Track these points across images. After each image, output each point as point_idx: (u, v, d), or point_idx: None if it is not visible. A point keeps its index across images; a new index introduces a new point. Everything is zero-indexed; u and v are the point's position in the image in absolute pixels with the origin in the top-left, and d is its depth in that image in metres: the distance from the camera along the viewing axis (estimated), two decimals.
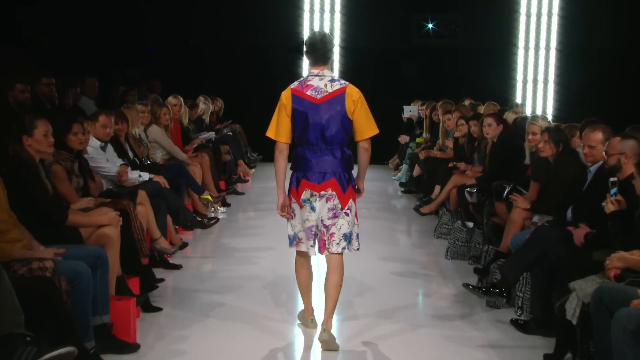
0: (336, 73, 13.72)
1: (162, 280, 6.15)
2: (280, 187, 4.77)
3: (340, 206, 4.73)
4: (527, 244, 5.22)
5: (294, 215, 4.82)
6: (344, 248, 4.77)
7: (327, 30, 13.58)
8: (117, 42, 13.09)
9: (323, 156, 4.70)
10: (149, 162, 7.80)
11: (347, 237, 4.76)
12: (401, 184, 11.32)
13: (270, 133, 4.77)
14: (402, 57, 13.96)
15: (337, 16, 13.87)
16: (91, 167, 6.23)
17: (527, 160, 6.65)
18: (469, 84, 13.17)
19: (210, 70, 13.89)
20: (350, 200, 4.76)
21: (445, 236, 7.73)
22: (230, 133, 11.82)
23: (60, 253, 4.37)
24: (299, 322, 5.26)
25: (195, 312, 5.46)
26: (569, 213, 5.44)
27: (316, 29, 13.74)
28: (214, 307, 5.59)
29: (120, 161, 6.96)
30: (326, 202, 4.72)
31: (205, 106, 11.27)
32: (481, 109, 9.82)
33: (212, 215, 8.73)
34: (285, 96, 4.71)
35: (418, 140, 11.36)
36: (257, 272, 6.54)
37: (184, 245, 7.16)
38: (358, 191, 4.90)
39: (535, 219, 5.86)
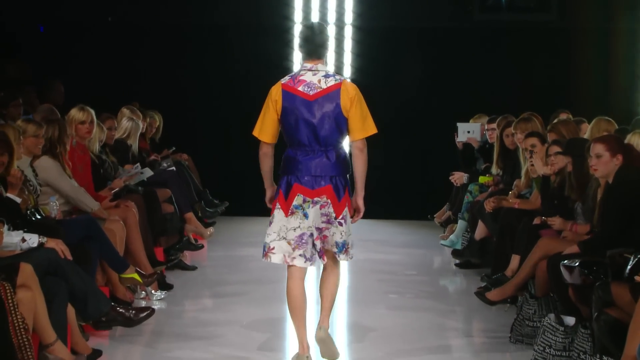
0: (348, 67, 13.87)
1: None
2: (267, 181, 6.83)
3: (334, 215, 6.63)
4: None
5: (272, 222, 6.67)
6: (335, 253, 6.70)
7: (334, 2, 13.76)
8: None
9: (316, 158, 6.59)
10: (38, 217, 7.79)
11: (339, 245, 6.69)
12: (455, 253, 11.30)
13: (255, 131, 6.66)
14: (458, 42, 14.08)
15: None
16: None
17: None
18: (567, 87, 13.24)
19: (141, 67, 13.98)
20: (345, 209, 6.65)
21: (529, 340, 7.69)
22: (173, 168, 11.81)
23: None
24: None
25: None
26: None
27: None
28: None
29: None
30: (320, 208, 6.61)
31: (132, 124, 11.30)
32: (586, 129, 9.83)
33: (143, 304, 8.71)
34: (276, 91, 6.60)
35: (482, 179, 11.36)
36: None
37: (96, 354, 7.15)
38: (357, 211, 6.78)
39: None
